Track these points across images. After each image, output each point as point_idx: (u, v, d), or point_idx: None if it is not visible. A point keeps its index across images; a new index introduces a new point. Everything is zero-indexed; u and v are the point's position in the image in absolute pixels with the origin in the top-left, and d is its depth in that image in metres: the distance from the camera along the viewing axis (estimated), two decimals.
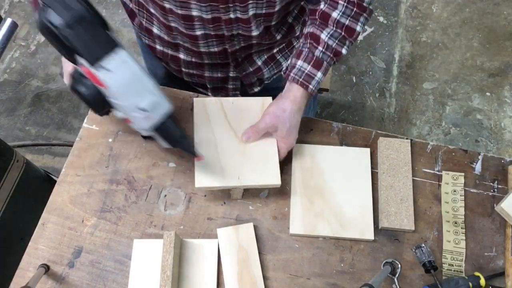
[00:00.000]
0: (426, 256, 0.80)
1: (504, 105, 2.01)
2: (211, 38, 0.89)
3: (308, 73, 0.84)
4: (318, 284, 0.82)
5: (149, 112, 0.65)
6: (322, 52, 0.84)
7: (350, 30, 0.84)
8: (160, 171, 0.92)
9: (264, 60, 1.03)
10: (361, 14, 0.84)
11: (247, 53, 0.98)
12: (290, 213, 0.86)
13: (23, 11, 2.33)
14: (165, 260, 0.76)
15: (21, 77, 2.15)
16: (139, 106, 0.63)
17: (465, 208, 0.87)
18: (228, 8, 0.81)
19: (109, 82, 0.62)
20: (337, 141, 0.94)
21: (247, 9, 0.81)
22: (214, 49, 0.93)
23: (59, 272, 0.84)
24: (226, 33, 0.88)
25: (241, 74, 1.04)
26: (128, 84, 0.62)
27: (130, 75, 0.63)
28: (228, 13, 0.82)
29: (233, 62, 1.00)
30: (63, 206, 0.89)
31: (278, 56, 1.04)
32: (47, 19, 0.58)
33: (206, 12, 0.81)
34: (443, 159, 0.92)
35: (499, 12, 2.21)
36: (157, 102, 0.66)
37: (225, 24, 0.85)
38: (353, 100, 2.05)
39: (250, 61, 1.02)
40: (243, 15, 0.83)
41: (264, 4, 0.82)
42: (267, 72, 1.06)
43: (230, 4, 0.80)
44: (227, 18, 0.83)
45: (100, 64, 0.61)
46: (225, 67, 1.02)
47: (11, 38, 0.98)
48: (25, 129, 2.02)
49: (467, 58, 2.11)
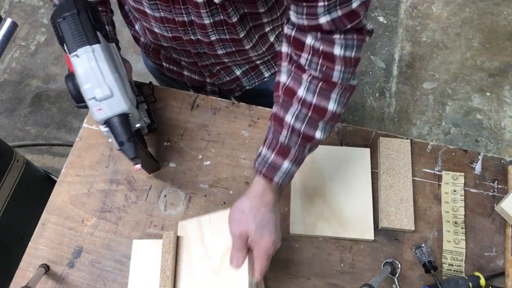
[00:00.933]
0: (426, 256, 0.80)
1: (504, 105, 2.01)
2: (180, 51, 0.89)
3: (271, 163, 0.70)
4: (318, 284, 0.82)
5: (100, 103, 0.69)
6: (286, 138, 0.70)
7: (320, 109, 0.69)
8: (160, 171, 0.92)
9: (244, 70, 0.98)
10: (331, 90, 0.69)
11: (222, 66, 0.95)
12: (290, 213, 0.86)
13: (23, 11, 2.33)
14: (164, 260, 0.76)
15: (21, 77, 2.15)
16: (93, 95, 0.69)
17: (465, 208, 0.87)
18: (187, 31, 0.80)
19: (76, 67, 0.70)
20: (337, 141, 0.94)
21: (207, 34, 0.80)
22: (185, 59, 0.92)
23: (59, 272, 0.84)
24: (192, 50, 0.87)
25: (217, 82, 1.02)
26: (89, 72, 0.69)
27: (94, 65, 0.69)
28: (188, 35, 0.81)
29: (207, 72, 0.98)
30: (63, 206, 0.89)
31: (261, 67, 0.99)
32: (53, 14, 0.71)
33: (166, 32, 0.82)
34: (443, 159, 0.92)
35: (499, 12, 2.21)
36: (111, 98, 0.70)
37: (188, 43, 0.84)
38: (353, 100, 2.05)
39: (227, 71, 0.98)
40: (205, 38, 0.81)
41: (226, 30, 0.79)
42: (246, 82, 1.02)
43: (189, 28, 0.79)
44: (188, 38, 0.82)
45: (75, 53, 0.70)
46: (201, 75, 1.01)
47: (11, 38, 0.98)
48: (25, 129, 2.02)
49: (467, 58, 2.11)
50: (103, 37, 0.73)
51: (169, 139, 0.95)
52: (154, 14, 0.78)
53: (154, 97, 0.97)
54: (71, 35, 0.70)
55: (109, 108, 0.69)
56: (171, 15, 0.77)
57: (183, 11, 0.75)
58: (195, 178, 0.91)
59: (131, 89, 0.77)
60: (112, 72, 0.70)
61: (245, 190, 0.89)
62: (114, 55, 0.76)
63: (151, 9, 0.77)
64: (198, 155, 0.93)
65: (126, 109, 0.70)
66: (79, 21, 0.70)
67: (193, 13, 0.76)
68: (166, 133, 0.96)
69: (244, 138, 0.95)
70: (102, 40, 0.72)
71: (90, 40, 0.70)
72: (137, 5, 0.78)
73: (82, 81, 0.69)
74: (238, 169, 0.92)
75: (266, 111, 0.96)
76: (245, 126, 0.96)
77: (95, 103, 0.69)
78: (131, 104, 0.71)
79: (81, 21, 0.70)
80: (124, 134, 0.69)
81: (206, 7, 0.73)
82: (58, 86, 2.11)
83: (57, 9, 0.71)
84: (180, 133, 0.96)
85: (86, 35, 0.70)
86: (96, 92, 0.68)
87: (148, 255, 0.82)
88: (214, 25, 0.78)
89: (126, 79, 0.75)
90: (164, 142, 0.95)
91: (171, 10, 0.76)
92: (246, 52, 0.89)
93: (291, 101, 0.70)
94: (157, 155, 0.93)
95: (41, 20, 2.31)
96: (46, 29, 2.28)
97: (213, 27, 0.78)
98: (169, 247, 0.77)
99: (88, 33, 0.70)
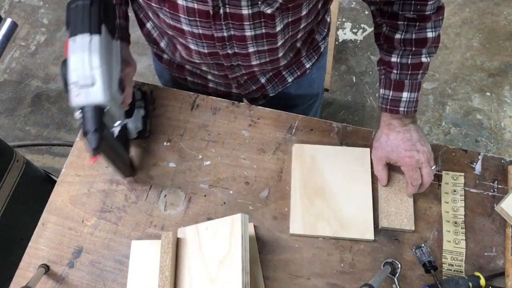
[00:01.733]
0: (426, 256, 0.80)
1: (504, 105, 2.01)
2: (211, 65, 0.89)
3: (392, 99, 0.83)
4: (318, 284, 0.82)
5: (80, 90, 0.69)
6: (397, 74, 0.83)
7: (421, 40, 0.81)
8: (160, 171, 0.92)
9: (268, 77, 1.01)
10: (427, 22, 0.80)
11: (250, 76, 0.96)
12: (290, 213, 0.86)
13: (23, 11, 2.33)
14: (163, 261, 0.76)
15: (21, 77, 2.15)
16: (75, 80, 0.69)
17: (465, 208, 0.87)
18: (224, 46, 0.81)
19: (69, 50, 0.71)
20: (337, 141, 0.94)
21: (246, 47, 0.81)
22: (215, 72, 0.92)
23: (59, 272, 0.84)
24: (226, 63, 0.87)
25: (243, 93, 1.03)
26: (79, 58, 0.70)
27: (86, 53, 0.70)
28: (225, 49, 0.82)
29: (234, 84, 0.99)
30: (63, 206, 0.89)
31: (284, 72, 1.02)
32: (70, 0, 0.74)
33: (203, 48, 0.82)
34: (443, 159, 0.92)
35: (499, 12, 2.21)
36: (91, 87, 0.70)
37: (224, 57, 0.84)
38: (353, 100, 2.05)
39: (253, 80, 1.00)
40: (242, 51, 0.82)
41: (265, 42, 0.81)
42: (270, 89, 1.04)
43: (227, 42, 0.80)
44: (224, 53, 0.83)
45: (74, 37, 0.70)
46: (227, 86, 1.01)
47: (11, 38, 0.98)
48: (25, 129, 2.03)
49: (467, 58, 2.11)
50: (108, 31, 0.73)
51: (169, 139, 0.95)
52: (193, 31, 0.78)
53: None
54: (76, 21, 0.71)
55: (86, 97, 0.70)
56: (209, 31, 0.77)
57: (223, 26, 0.76)
58: (195, 178, 0.91)
59: (120, 88, 0.76)
60: (101, 65, 0.70)
61: (245, 190, 0.90)
62: (114, 51, 0.76)
63: (190, 25, 0.77)
64: (198, 155, 0.93)
65: (102, 101, 0.70)
66: (89, 10, 0.71)
67: (234, 28, 0.76)
68: (166, 133, 0.96)
69: (244, 138, 0.95)
70: (104, 33, 0.72)
71: (92, 29, 0.71)
72: (174, 22, 0.78)
73: (70, 64, 0.70)
74: (238, 169, 0.92)
75: (266, 111, 0.96)
76: (245, 126, 0.96)
77: (75, 88, 0.70)
78: (110, 98, 0.71)
79: (90, 11, 0.71)
80: (92, 125, 0.69)
81: (251, 20, 0.74)
82: (58, 86, 2.11)
83: None
84: (180, 133, 0.96)
85: (90, 24, 0.71)
86: (80, 78, 0.69)
87: (147, 255, 0.82)
88: (255, 38, 0.79)
89: (117, 77, 0.76)
90: (164, 142, 0.95)
91: (210, 26, 0.76)
92: (278, 61, 0.90)
93: (393, 45, 0.82)
94: (157, 155, 0.93)
95: (41, 20, 2.31)
96: (46, 29, 2.28)
97: (253, 40, 0.79)
98: (167, 248, 0.77)
99: (92, 23, 0.71)
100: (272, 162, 0.92)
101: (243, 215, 0.78)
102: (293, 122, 0.96)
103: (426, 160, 0.83)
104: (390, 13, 0.81)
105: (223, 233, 0.77)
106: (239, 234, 0.76)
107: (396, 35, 0.81)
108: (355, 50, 2.16)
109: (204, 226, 0.79)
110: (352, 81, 2.09)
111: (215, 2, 0.71)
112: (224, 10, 0.72)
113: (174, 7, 0.74)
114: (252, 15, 0.73)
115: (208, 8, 0.72)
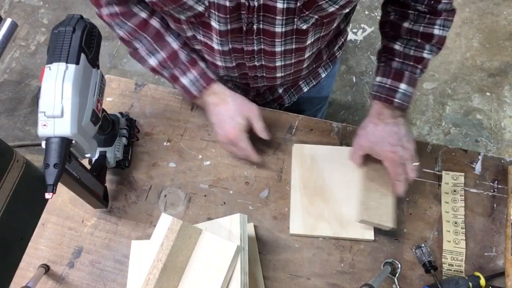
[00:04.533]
0: (426, 256, 0.80)
1: (504, 105, 2.01)
2: (234, 76, 0.89)
3: (390, 87, 0.81)
4: (318, 284, 0.82)
5: (47, 120, 0.68)
6: (399, 63, 0.81)
7: (427, 35, 0.80)
8: (160, 171, 0.92)
9: (286, 88, 1.02)
10: (436, 18, 0.79)
11: (269, 86, 0.97)
12: (290, 213, 0.86)
13: (23, 11, 2.33)
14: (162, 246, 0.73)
15: (21, 77, 2.15)
16: (44, 109, 0.68)
17: (465, 208, 0.87)
18: (252, 58, 0.81)
19: (43, 77, 0.69)
20: (337, 141, 0.94)
21: (274, 60, 0.82)
22: (236, 80, 0.93)
23: (59, 272, 0.84)
24: (250, 74, 0.88)
25: (261, 102, 1.03)
26: (51, 87, 0.68)
27: (59, 83, 0.68)
28: (252, 61, 0.82)
29: (253, 93, 1.00)
30: (63, 206, 0.89)
31: (300, 82, 1.02)
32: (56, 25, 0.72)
33: (230, 62, 0.83)
34: (443, 159, 0.92)
35: (499, 12, 2.21)
36: (60, 118, 0.68)
37: (249, 69, 0.85)
38: (353, 100, 2.05)
39: (271, 90, 1.01)
40: (270, 64, 0.83)
41: (293, 56, 0.81)
42: (287, 99, 1.05)
43: (255, 55, 0.80)
44: (251, 65, 0.83)
45: (50, 65, 0.69)
46: (245, 94, 1.01)
47: (11, 38, 0.98)
48: (25, 129, 2.03)
49: (467, 58, 2.11)
50: (87, 60, 0.72)
51: (169, 139, 0.95)
52: (223, 49, 0.78)
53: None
54: (55, 48, 0.70)
55: (53, 128, 0.68)
56: (240, 45, 0.78)
57: (254, 41, 0.76)
58: (195, 178, 0.91)
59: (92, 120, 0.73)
60: (73, 95, 0.68)
61: (245, 190, 0.90)
62: (92, 81, 0.74)
63: (221, 44, 0.77)
64: (198, 155, 0.93)
65: (70, 134, 0.67)
66: (70, 38, 0.70)
67: (265, 43, 0.77)
68: (166, 133, 0.96)
69: None
70: (83, 63, 0.71)
71: (69, 58, 0.69)
72: (205, 39, 0.78)
73: (42, 93, 0.69)
74: (238, 169, 0.92)
75: (266, 111, 0.96)
76: None
77: (43, 117, 0.68)
78: (77, 132, 0.68)
79: (71, 39, 0.70)
80: (55, 158, 0.67)
81: (283, 36, 0.74)
82: None
83: (61, 22, 0.72)
84: (180, 133, 0.96)
85: (68, 53, 0.69)
86: (48, 107, 0.67)
87: (146, 255, 0.82)
88: (284, 52, 0.79)
89: (90, 108, 0.73)
90: (164, 142, 0.95)
91: (242, 40, 0.76)
92: (300, 72, 0.91)
93: (399, 33, 0.81)
94: (157, 155, 0.93)
95: (41, 20, 2.31)
96: (46, 29, 2.28)
97: (282, 54, 0.80)
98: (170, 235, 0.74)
99: (71, 52, 0.69)
100: (272, 162, 0.92)
101: (241, 215, 0.77)
102: (293, 122, 0.96)
103: (410, 157, 0.81)
104: (402, 2, 0.80)
105: (222, 233, 0.77)
106: (238, 234, 0.76)
107: (405, 23, 0.80)
108: (355, 50, 2.16)
109: (204, 226, 0.79)
110: (352, 81, 2.09)
111: (249, 19, 0.71)
112: (258, 26, 0.72)
113: (208, 27, 0.74)
114: (285, 32, 0.73)
115: (242, 25, 0.72)
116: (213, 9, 0.69)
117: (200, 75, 0.85)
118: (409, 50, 0.81)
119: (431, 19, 0.79)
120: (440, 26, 0.79)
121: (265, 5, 0.67)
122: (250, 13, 0.69)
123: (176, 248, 0.73)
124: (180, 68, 0.84)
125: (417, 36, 0.80)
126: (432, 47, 0.81)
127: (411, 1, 0.78)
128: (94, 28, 0.73)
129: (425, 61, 0.82)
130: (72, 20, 0.71)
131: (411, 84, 0.82)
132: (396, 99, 0.81)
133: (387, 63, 0.83)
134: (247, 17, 0.70)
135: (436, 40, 0.80)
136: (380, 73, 0.83)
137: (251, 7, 0.68)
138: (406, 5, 0.79)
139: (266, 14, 0.69)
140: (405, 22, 0.80)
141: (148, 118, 0.97)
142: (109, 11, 0.81)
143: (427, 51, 0.81)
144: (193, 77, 0.85)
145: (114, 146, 0.88)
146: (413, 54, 0.81)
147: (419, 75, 0.83)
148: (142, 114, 0.98)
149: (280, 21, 0.70)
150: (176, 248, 0.73)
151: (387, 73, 0.82)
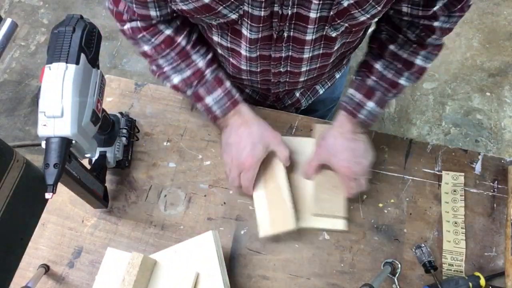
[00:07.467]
0: (426, 256, 0.80)
1: (504, 105, 2.01)
2: (256, 81, 0.89)
3: (358, 102, 0.82)
4: (318, 284, 0.82)
5: (47, 120, 0.68)
6: (375, 82, 0.82)
7: (409, 63, 0.81)
8: (160, 171, 0.92)
9: (302, 91, 1.03)
10: (421, 49, 0.80)
11: (288, 90, 0.97)
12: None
13: (23, 11, 2.33)
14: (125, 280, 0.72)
15: (21, 77, 2.15)
16: (44, 109, 0.68)
17: (465, 208, 0.87)
18: (279, 64, 0.81)
19: (43, 78, 0.69)
20: None
21: (300, 66, 0.82)
22: (257, 85, 0.92)
23: (59, 272, 0.84)
24: (273, 79, 0.88)
25: (279, 107, 1.04)
26: (51, 87, 0.68)
27: (59, 83, 0.68)
28: (277, 68, 0.82)
29: (273, 98, 1.00)
30: (63, 206, 0.89)
31: (317, 85, 1.03)
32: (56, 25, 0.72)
33: (256, 67, 0.83)
34: (443, 159, 0.92)
35: (499, 12, 2.21)
36: (60, 118, 0.68)
37: (273, 75, 0.85)
38: None
39: (289, 94, 1.02)
40: (295, 69, 0.83)
41: (319, 61, 0.81)
42: (304, 102, 1.06)
43: (282, 62, 0.80)
44: (276, 71, 0.84)
45: (50, 65, 0.69)
46: (264, 97, 1.02)
47: (11, 38, 0.98)
48: (25, 129, 2.03)
49: (467, 58, 2.11)
50: (87, 60, 0.72)
51: (169, 139, 0.95)
52: (250, 55, 0.78)
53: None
54: (55, 48, 0.69)
55: (53, 128, 0.68)
56: (268, 52, 0.78)
57: (283, 48, 0.76)
58: (195, 178, 0.91)
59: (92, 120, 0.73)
60: (73, 95, 0.68)
61: None
62: (92, 81, 0.74)
63: (249, 51, 0.77)
64: (198, 155, 0.93)
65: (70, 134, 0.67)
66: (69, 38, 0.70)
67: (293, 50, 0.77)
68: (166, 133, 0.96)
69: None
70: (83, 63, 0.71)
71: (69, 58, 0.69)
72: (232, 45, 0.78)
73: (41, 93, 0.69)
74: None
75: (266, 111, 0.96)
76: None
77: (43, 117, 0.68)
78: (78, 132, 0.68)
79: (70, 39, 0.70)
80: (55, 158, 0.66)
81: (312, 43, 0.74)
82: None
83: (61, 22, 0.72)
84: (180, 133, 0.96)
85: (68, 53, 0.69)
86: (48, 107, 0.67)
87: (118, 266, 0.76)
88: (311, 58, 0.80)
89: (90, 108, 0.73)
90: (164, 142, 0.95)
91: (270, 48, 0.76)
92: (322, 75, 0.91)
93: (383, 54, 0.81)
94: (157, 155, 0.93)
95: (41, 20, 2.31)
96: (46, 29, 2.28)
97: (308, 61, 0.80)
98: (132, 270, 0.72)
99: (70, 52, 0.69)
100: None
101: (214, 232, 0.77)
102: (293, 122, 0.96)
103: (362, 173, 0.82)
104: (396, 24, 0.80)
105: (195, 254, 0.75)
106: (214, 251, 0.75)
107: (391, 46, 0.81)
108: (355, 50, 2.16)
109: (173, 249, 0.77)
110: None
111: (280, 27, 0.71)
112: (288, 34, 0.73)
113: (237, 35, 0.74)
114: (315, 39, 0.73)
115: (272, 33, 0.72)
116: (246, 18, 0.69)
117: (226, 93, 0.83)
118: (387, 73, 0.81)
119: (416, 49, 0.79)
120: (423, 57, 0.80)
121: (298, 13, 0.67)
122: (282, 21, 0.69)
123: (138, 283, 0.71)
124: (205, 86, 0.83)
125: (399, 62, 0.81)
126: (410, 75, 0.82)
127: (403, 26, 0.78)
128: (94, 28, 0.73)
129: (400, 87, 0.82)
130: (72, 20, 0.71)
131: (380, 105, 0.82)
132: (360, 115, 0.82)
133: (363, 78, 0.83)
134: (279, 25, 0.70)
135: (416, 70, 0.81)
136: (354, 87, 0.84)
137: (283, 15, 0.68)
138: (398, 28, 0.80)
139: (298, 22, 0.69)
140: (392, 44, 0.81)
141: (148, 118, 0.97)
142: (132, 26, 0.80)
143: (404, 78, 0.81)
144: (217, 96, 0.83)
145: (114, 146, 0.88)
146: (390, 77, 0.81)
147: (390, 98, 0.84)
148: (142, 114, 0.98)
149: (312, 29, 0.70)
150: (137, 283, 0.71)
151: (360, 88, 0.83)
